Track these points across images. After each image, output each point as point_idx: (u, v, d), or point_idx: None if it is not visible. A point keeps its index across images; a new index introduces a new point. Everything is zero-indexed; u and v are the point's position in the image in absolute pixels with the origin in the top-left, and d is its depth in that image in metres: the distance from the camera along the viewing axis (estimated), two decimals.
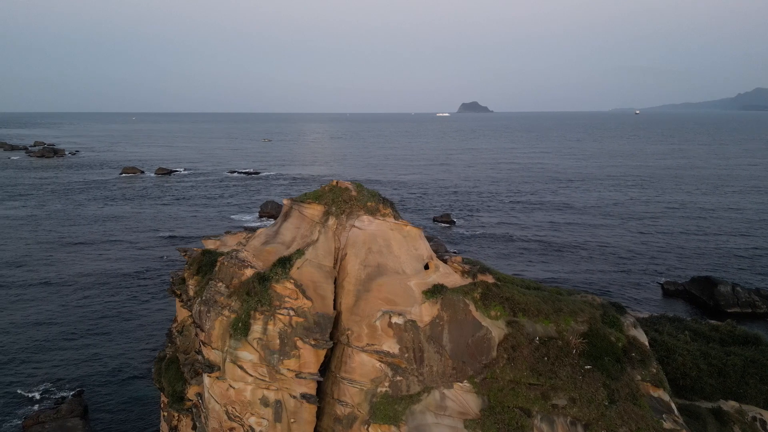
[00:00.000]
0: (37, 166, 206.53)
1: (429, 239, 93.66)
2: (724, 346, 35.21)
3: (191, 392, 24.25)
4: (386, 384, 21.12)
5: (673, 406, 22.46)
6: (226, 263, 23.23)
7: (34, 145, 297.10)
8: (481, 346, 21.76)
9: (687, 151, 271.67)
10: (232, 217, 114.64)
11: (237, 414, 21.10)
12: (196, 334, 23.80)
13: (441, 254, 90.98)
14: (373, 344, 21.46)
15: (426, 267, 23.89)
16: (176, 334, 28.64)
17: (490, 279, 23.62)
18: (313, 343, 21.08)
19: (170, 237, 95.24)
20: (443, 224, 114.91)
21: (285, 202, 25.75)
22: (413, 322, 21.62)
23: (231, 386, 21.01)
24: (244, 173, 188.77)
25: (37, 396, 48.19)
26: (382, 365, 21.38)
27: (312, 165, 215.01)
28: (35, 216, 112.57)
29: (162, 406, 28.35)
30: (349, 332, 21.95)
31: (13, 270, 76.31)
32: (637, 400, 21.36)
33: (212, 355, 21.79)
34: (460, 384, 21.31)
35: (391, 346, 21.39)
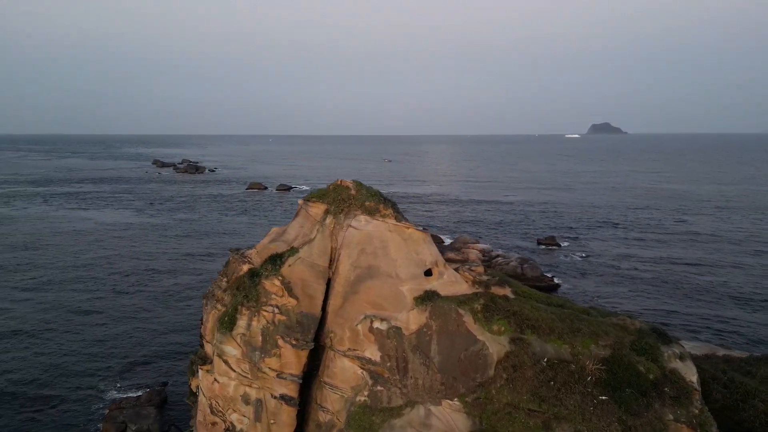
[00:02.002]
0: (179, 180, 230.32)
1: (524, 261, 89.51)
2: None
3: (194, 384, 24.81)
4: (365, 393, 19.85)
5: None
6: (231, 259, 23.64)
7: (181, 163, 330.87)
8: (475, 362, 19.66)
9: None
10: None
11: (220, 409, 21.08)
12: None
13: (534, 276, 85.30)
14: (354, 349, 20.34)
15: (429, 273, 22.34)
16: None
17: (503, 291, 21.43)
18: (293, 343, 20.50)
19: None
20: (547, 246, 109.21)
21: (299, 201, 25.75)
22: (398, 329, 20.16)
23: (216, 380, 21.09)
24: None
25: (128, 386, 52.41)
26: (364, 372, 20.16)
27: (421, 184, 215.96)
28: (164, 224, 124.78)
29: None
30: (332, 335, 21.04)
31: (131, 275, 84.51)
32: None
33: (208, 348, 22.12)
34: (450, 402, 19.37)
35: (372, 352, 20.12)
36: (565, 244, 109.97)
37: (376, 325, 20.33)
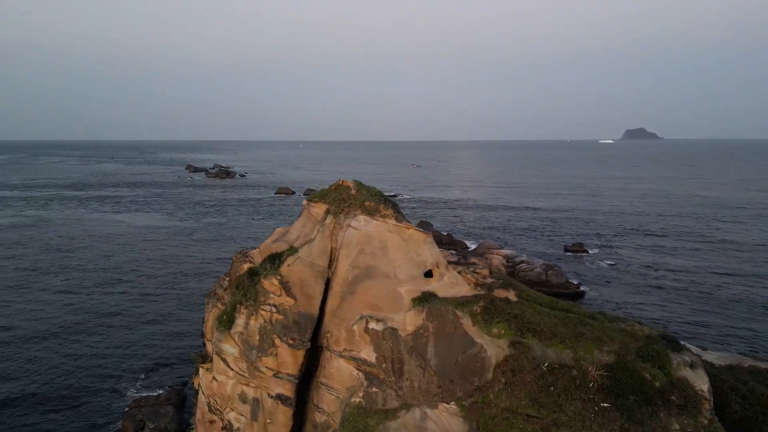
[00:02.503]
0: (210, 185, 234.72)
1: (549, 267, 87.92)
2: None
3: (196, 383, 24.96)
4: (360, 394, 19.61)
5: None
6: (234, 258, 23.78)
7: (213, 168, 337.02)
8: (472, 365, 19.20)
9: None
10: None
11: (218, 407, 21.14)
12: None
13: (559, 283, 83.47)
14: (350, 350, 20.13)
15: (430, 275, 21.98)
16: None
17: (506, 294, 20.91)
18: (290, 342, 20.43)
19: None
20: (574, 253, 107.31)
21: (303, 202, 25.76)
22: (394, 330, 19.85)
23: (215, 378, 21.18)
24: None
25: (148, 385, 53.18)
26: (359, 373, 19.93)
27: (448, 189, 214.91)
28: (192, 228, 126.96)
29: None
30: (329, 335, 20.87)
31: (157, 278, 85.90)
32: None
33: (209, 346, 22.24)
34: (447, 405, 18.94)
35: (368, 353, 19.87)
36: (594, 251, 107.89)
37: (372, 325, 20.10)
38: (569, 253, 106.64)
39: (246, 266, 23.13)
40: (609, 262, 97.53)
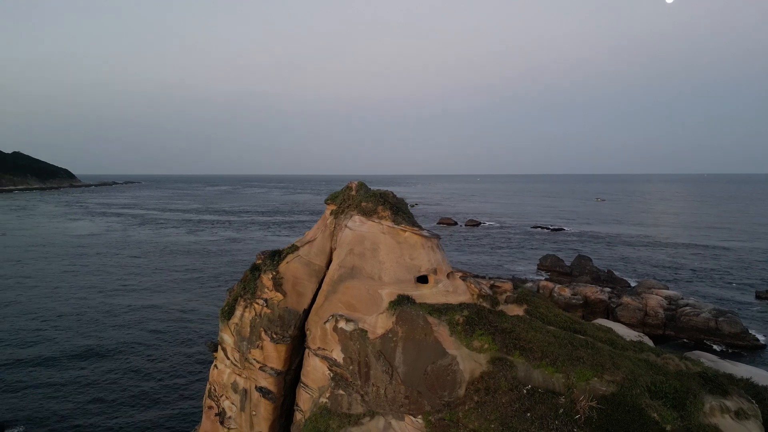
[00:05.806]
0: None
1: (721, 313, 75.19)
2: None
3: None
4: (327, 395, 18.82)
5: None
6: (257, 256, 24.85)
7: None
8: (443, 378, 17.16)
9: None
10: (507, 266, 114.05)
11: (216, 394, 22.00)
12: None
13: (732, 332, 71.09)
14: (323, 348, 19.49)
15: (425, 280, 20.40)
16: None
17: (511, 308, 18.49)
18: (273, 336, 20.53)
19: None
20: None
21: None
22: (363, 331, 18.70)
23: (216, 366, 22.17)
24: (548, 229, 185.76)
25: None
26: (330, 373, 19.17)
27: (620, 224, 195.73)
28: None
29: None
30: (308, 332, 20.48)
31: None
32: None
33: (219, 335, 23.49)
34: (413, 418, 17.18)
35: (337, 353, 19.05)
36: None
37: (341, 325, 19.38)
38: (762, 301, 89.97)
39: (259, 262, 24.21)
40: None
